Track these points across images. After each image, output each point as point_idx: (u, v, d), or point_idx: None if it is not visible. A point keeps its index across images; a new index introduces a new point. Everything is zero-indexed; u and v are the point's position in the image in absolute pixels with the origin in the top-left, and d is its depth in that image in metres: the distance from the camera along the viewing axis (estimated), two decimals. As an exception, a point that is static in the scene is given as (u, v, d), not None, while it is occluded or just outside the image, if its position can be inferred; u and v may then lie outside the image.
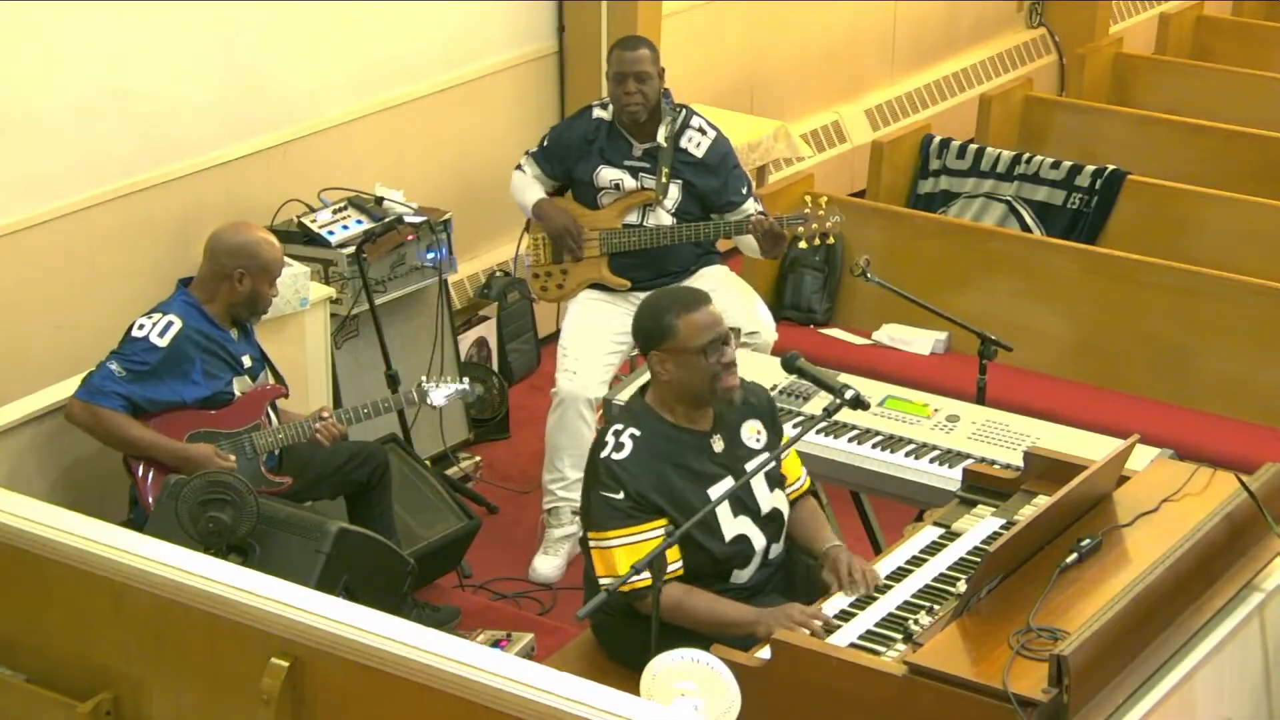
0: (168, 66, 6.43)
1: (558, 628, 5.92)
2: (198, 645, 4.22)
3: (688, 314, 4.63)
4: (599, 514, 4.58)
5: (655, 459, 4.60)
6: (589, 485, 4.66)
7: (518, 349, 7.58)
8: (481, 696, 3.79)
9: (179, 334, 5.41)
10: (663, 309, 4.68)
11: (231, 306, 5.53)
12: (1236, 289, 6.86)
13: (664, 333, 4.64)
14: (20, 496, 4.57)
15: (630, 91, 6.25)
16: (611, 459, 4.59)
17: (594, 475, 4.63)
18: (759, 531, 4.72)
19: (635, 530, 4.52)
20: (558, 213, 6.42)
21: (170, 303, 5.53)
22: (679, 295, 4.78)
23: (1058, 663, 3.80)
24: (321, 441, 5.58)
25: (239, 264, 5.49)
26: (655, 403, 4.71)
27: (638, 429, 4.63)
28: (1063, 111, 8.82)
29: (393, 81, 7.24)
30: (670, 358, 4.63)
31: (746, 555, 4.70)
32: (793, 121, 8.85)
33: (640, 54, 6.27)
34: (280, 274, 5.64)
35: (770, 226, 6.19)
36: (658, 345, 4.64)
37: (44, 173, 6.12)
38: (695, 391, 4.65)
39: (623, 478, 4.56)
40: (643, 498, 4.55)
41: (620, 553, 4.50)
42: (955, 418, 5.61)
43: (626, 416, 4.70)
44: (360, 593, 5.10)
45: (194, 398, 5.45)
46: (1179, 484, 4.65)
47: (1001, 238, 7.44)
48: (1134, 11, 11.20)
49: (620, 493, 4.55)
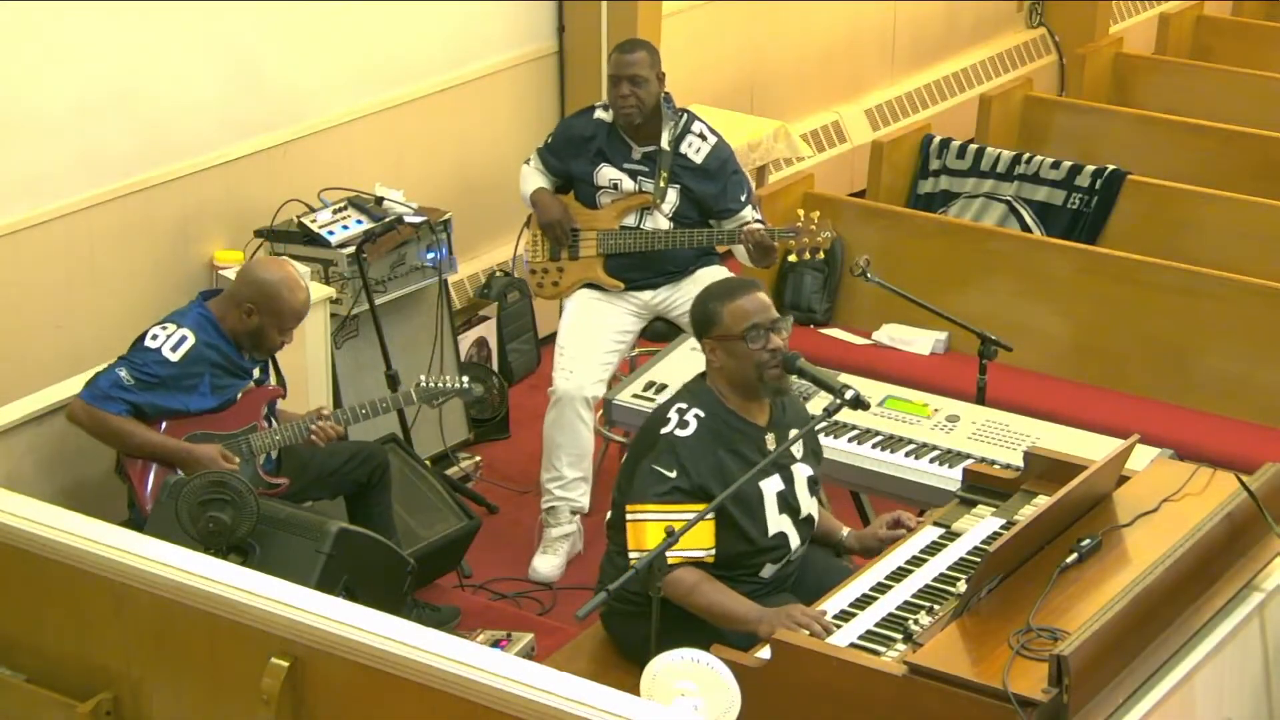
0: (168, 66, 6.43)
1: (558, 628, 5.92)
2: (198, 645, 4.22)
3: (731, 300, 4.68)
4: (648, 486, 4.59)
5: (716, 442, 4.64)
6: (640, 454, 4.65)
7: (518, 349, 7.59)
8: (481, 696, 3.79)
9: (191, 350, 5.39)
10: (710, 295, 4.75)
11: (236, 334, 5.49)
12: (1236, 289, 6.86)
13: (710, 319, 4.70)
14: (20, 496, 4.57)
15: (624, 94, 6.25)
16: (676, 435, 4.61)
17: (650, 447, 4.63)
18: (795, 532, 4.77)
19: (678, 508, 4.53)
20: (553, 204, 6.43)
21: (186, 314, 5.50)
22: (727, 282, 4.85)
23: (1058, 663, 3.80)
24: (318, 442, 5.57)
25: (251, 298, 5.45)
26: (714, 387, 4.75)
27: (701, 410, 4.66)
28: (1063, 111, 8.82)
29: (393, 81, 7.24)
30: (719, 344, 4.68)
31: (783, 551, 4.74)
32: (793, 121, 8.85)
33: (636, 57, 6.26)
34: (295, 324, 5.53)
35: (762, 238, 6.18)
36: (707, 333, 4.71)
37: (44, 173, 6.12)
38: (744, 379, 4.69)
39: (684, 458, 4.58)
40: (695, 483, 4.58)
41: (655, 528, 4.50)
42: (955, 418, 5.61)
43: (689, 396, 4.73)
44: (360, 593, 5.10)
45: (199, 408, 5.45)
46: (1179, 484, 4.65)
47: (1001, 238, 7.44)
48: (1134, 11, 11.20)
49: (675, 471, 4.57)
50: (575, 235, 6.40)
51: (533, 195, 6.48)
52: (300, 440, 5.57)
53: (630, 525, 4.59)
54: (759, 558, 4.71)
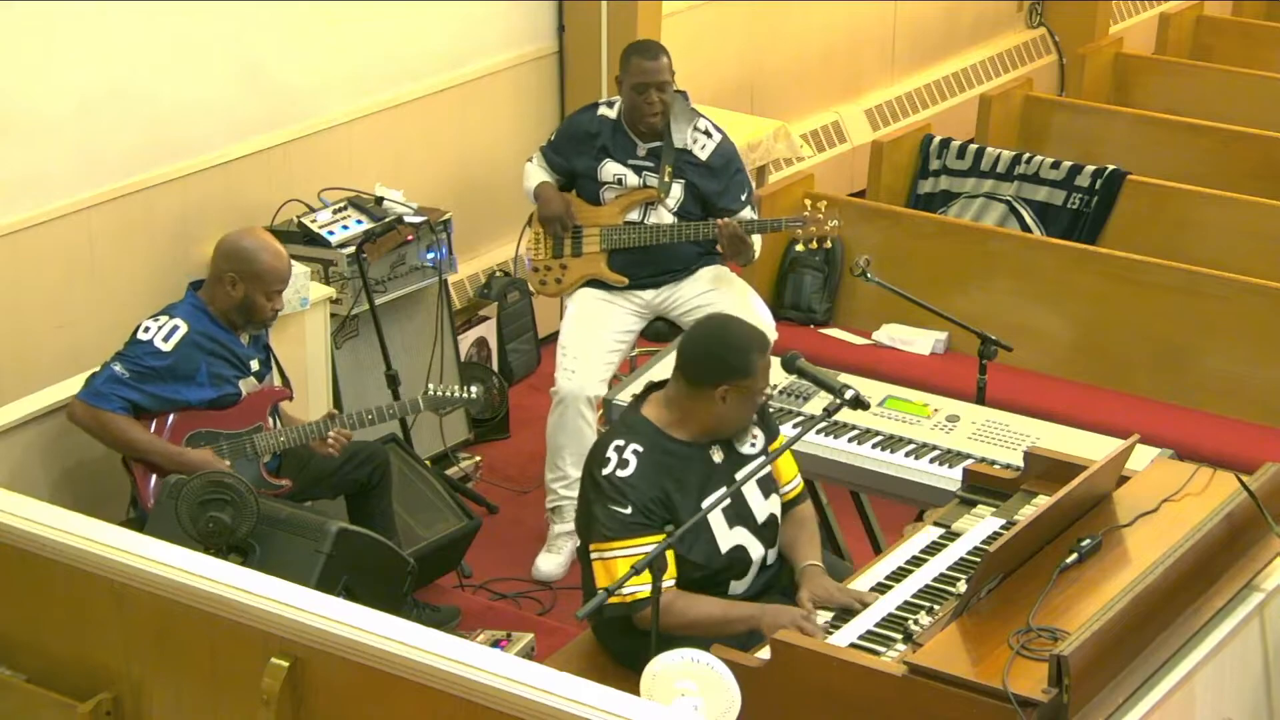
0: (168, 66, 6.43)
1: (558, 628, 5.92)
2: (198, 645, 4.22)
3: (766, 355, 4.59)
4: (604, 526, 4.52)
5: (658, 474, 4.55)
6: (591, 499, 4.59)
7: (518, 349, 7.59)
8: (481, 696, 3.79)
9: (183, 339, 5.39)
10: (747, 346, 4.57)
11: (226, 312, 5.48)
12: (1236, 289, 6.86)
13: (743, 370, 4.55)
14: (21, 496, 4.57)
15: (652, 101, 6.25)
16: (616, 476, 4.52)
17: (597, 491, 4.56)
18: (756, 540, 4.69)
19: (640, 542, 4.47)
20: (556, 199, 6.42)
21: (178, 305, 5.50)
22: (758, 335, 4.66)
23: (1058, 663, 3.80)
24: (332, 451, 5.56)
25: (232, 268, 5.43)
26: (657, 418, 4.64)
27: (639, 444, 4.57)
28: (1063, 111, 8.82)
29: (393, 81, 7.24)
30: (735, 394, 4.56)
31: (744, 565, 4.68)
32: (793, 121, 8.85)
33: (662, 63, 6.26)
34: (281, 287, 5.51)
35: (734, 230, 6.16)
36: (729, 379, 4.55)
37: (44, 172, 6.12)
38: (730, 428, 4.63)
39: (629, 494, 4.51)
40: (650, 511, 4.52)
41: (624, 564, 4.43)
42: (955, 418, 5.61)
43: (625, 432, 4.62)
44: (360, 593, 5.10)
45: (198, 400, 5.44)
46: (1179, 484, 4.64)
47: (1001, 238, 7.44)
48: (1134, 11, 11.20)
49: (629, 507, 4.50)
50: (578, 231, 6.40)
51: (536, 190, 6.48)
52: (307, 444, 5.56)
53: (597, 565, 4.53)
54: (720, 577, 4.65)
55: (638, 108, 6.28)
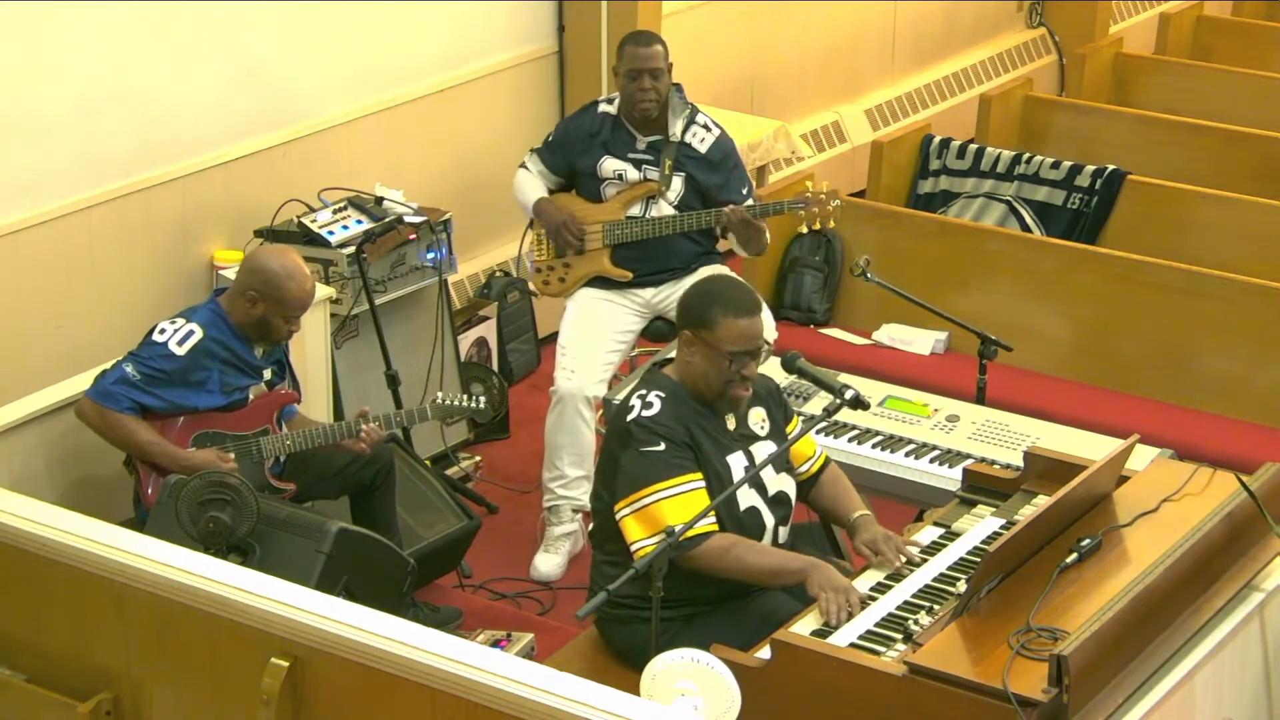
0: (168, 66, 6.43)
1: (558, 628, 5.92)
2: (198, 645, 4.22)
3: (734, 317, 4.63)
4: (637, 471, 4.56)
5: (683, 418, 4.63)
6: (618, 450, 4.63)
7: (518, 349, 7.59)
8: (481, 696, 3.79)
9: (198, 344, 5.39)
10: (714, 300, 4.68)
11: (243, 325, 5.49)
12: (1236, 289, 6.86)
13: (704, 321, 4.65)
14: (21, 496, 4.57)
15: (645, 88, 6.26)
16: (643, 417, 4.60)
17: (625, 437, 4.61)
18: (769, 511, 4.75)
19: (678, 481, 4.53)
20: (555, 210, 6.43)
21: (198, 310, 5.50)
22: (737, 295, 4.74)
23: (1058, 663, 3.80)
24: (364, 448, 5.56)
25: (254, 286, 5.44)
26: (675, 376, 4.74)
27: (661, 391, 4.66)
28: (1063, 111, 8.82)
29: (393, 81, 7.24)
30: (700, 345, 4.65)
31: (759, 528, 4.72)
32: (793, 121, 8.85)
33: (655, 50, 6.28)
34: (300, 312, 5.51)
35: (744, 216, 6.19)
36: (694, 327, 4.66)
37: (44, 173, 6.12)
38: (706, 384, 4.67)
39: (660, 430, 4.58)
40: (682, 445, 4.58)
41: (665, 506, 4.49)
42: (955, 418, 5.61)
43: (645, 384, 4.73)
44: (360, 593, 5.10)
45: (207, 406, 5.44)
46: (1179, 484, 4.65)
47: (1001, 238, 7.44)
48: (1134, 11, 11.21)
49: (661, 444, 4.56)
50: (582, 233, 6.41)
51: (535, 206, 6.48)
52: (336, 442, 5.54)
53: (634, 518, 4.54)
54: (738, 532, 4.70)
55: (631, 94, 6.29)
